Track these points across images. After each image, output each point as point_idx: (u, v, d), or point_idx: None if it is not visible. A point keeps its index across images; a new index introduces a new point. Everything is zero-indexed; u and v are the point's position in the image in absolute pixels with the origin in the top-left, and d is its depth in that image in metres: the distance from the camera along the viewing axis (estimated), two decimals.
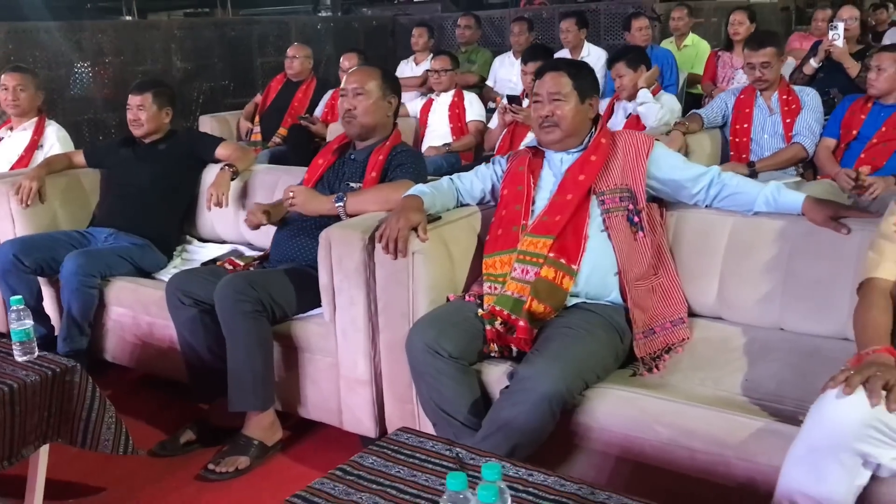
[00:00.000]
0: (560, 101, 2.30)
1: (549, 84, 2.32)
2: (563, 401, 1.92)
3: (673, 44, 6.33)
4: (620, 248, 2.23)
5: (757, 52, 3.88)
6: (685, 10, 6.26)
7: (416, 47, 6.57)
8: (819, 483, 1.59)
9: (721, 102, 4.12)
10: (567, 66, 2.39)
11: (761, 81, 3.88)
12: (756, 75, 3.88)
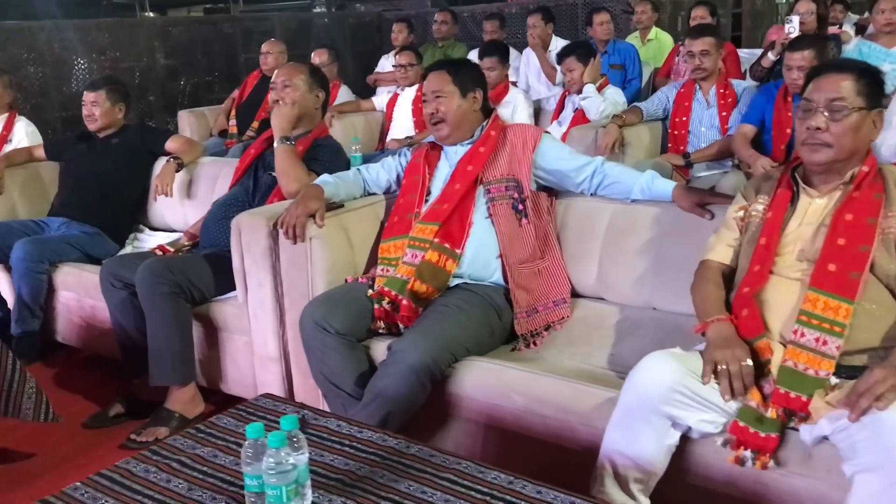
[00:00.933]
0: (442, 98, 2.47)
1: (432, 83, 2.49)
2: (429, 372, 2.09)
3: (637, 38, 6.45)
4: (503, 233, 2.40)
5: (696, 40, 4.01)
6: (649, 5, 6.37)
7: (396, 42, 6.73)
8: (633, 443, 1.76)
9: (662, 96, 4.26)
10: (448, 65, 2.56)
11: (700, 70, 4.00)
12: (696, 63, 3.99)
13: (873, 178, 1.91)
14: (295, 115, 2.85)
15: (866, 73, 1.92)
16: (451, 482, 1.47)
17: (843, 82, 1.88)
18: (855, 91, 1.87)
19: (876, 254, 1.81)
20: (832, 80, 1.90)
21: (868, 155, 1.95)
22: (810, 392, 1.70)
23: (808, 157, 1.93)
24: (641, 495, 1.80)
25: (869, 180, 1.90)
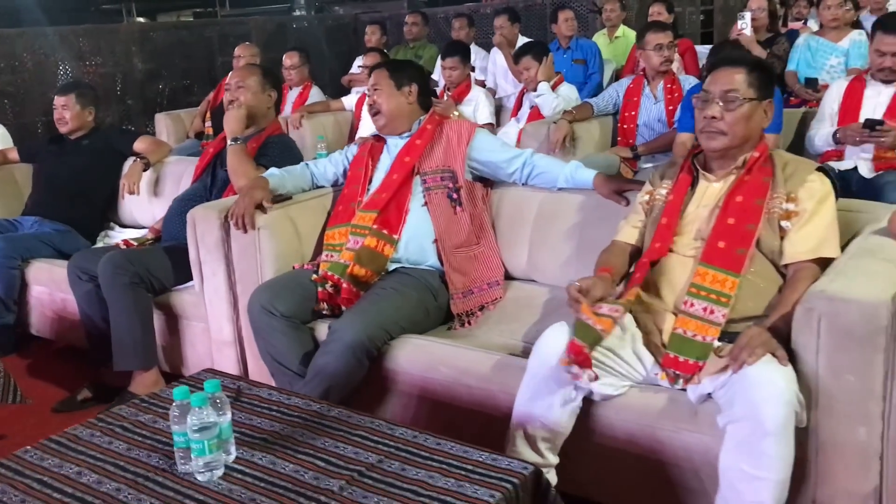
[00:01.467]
0: (379, 91, 2.65)
1: (372, 78, 2.68)
2: (365, 349, 2.26)
3: (605, 36, 6.63)
4: (438, 221, 2.57)
5: (658, 34, 4.20)
6: (617, 3, 6.55)
7: (370, 43, 6.91)
8: (538, 404, 1.95)
9: (613, 91, 4.44)
10: (387, 63, 2.73)
11: (669, 62, 4.18)
12: (664, 55, 4.16)
13: (763, 163, 2.09)
14: (245, 116, 3.03)
15: (758, 67, 2.10)
16: (362, 437, 1.65)
17: (737, 75, 2.06)
18: (747, 83, 2.06)
19: (762, 232, 1.99)
20: (727, 73, 2.08)
21: (760, 141, 2.13)
22: (697, 356, 1.88)
23: (706, 144, 2.11)
24: (550, 453, 1.98)
25: (759, 165, 2.08)
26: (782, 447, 1.64)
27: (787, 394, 1.63)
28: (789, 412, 1.64)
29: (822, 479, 1.74)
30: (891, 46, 3.56)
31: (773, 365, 1.67)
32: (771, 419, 1.62)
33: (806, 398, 1.70)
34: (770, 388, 1.63)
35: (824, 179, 2.05)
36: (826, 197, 2.01)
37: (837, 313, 1.64)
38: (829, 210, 2.00)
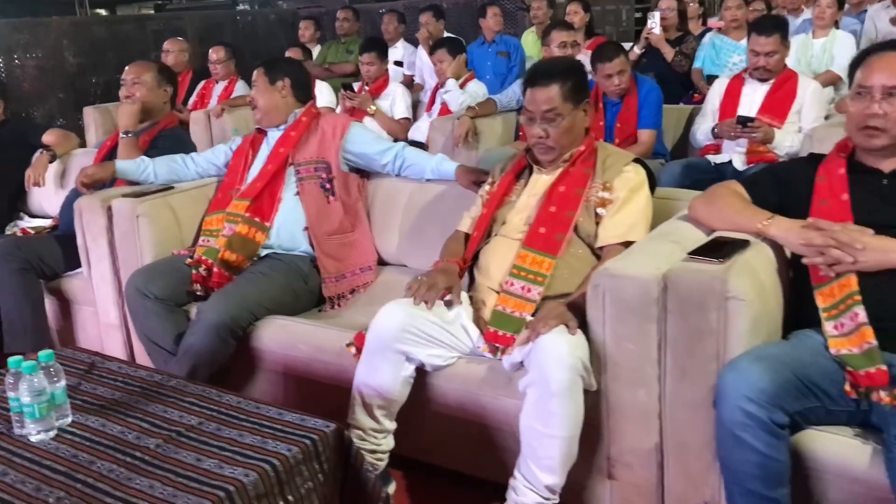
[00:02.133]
0: (256, 87, 2.81)
1: (253, 77, 2.83)
2: (229, 328, 2.42)
3: (534, 33, 6.82)
4: (310, 209, 2.73)
5: (561, 32, 4.40)
6: (544, 2, 6.74)
7: (303, 39, 7.07)
8: (374, 376, 2.12)
9: (517, 88, 4.63)
10: (265, 63, 2.88)
11: None
12: (568, 53, 4.36)
13: (588, 156, 2.28)
14: (138, 111, 3.17)
15: (570, 74, 2.26)
16: (190, 403, 1.81)
17: (551, 93, 2.22)
18: (562, 97, 2.22)
19: (579, 218, 2.18)
20: (543, 92, 2.22)
21: (586, 136, 2.32)
22: (514, 330, 2.07)
23: (540, 157, 2.29)
24: (386, 420, 2.16)
25: (583, 158, 2.27)
26: (568, 407, 1.84)
27: (571, 359, 1.82)
28: (574, 376, 1.83)
29: (613, 437, 1.94)
30: (764, 47, 3.80)
31: (562, 334, 1.86)
32: (556, 382, 1.82)
33: (596, 365, 1.90)
34: (555, 353, 1.83)
35: (639, 170, 2.24)
36: (639, 186, 2.21)
37: (617, 289, 1.83)
38: (641, 198, 2.20)
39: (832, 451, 1.67)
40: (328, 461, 1.66)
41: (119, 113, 3.16)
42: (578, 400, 1.86)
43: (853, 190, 1.91)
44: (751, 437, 1.60)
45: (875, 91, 1.87)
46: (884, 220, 1.83)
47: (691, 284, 1.75)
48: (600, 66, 3.84)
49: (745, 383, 1.60)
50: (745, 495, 1.63)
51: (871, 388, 1.66)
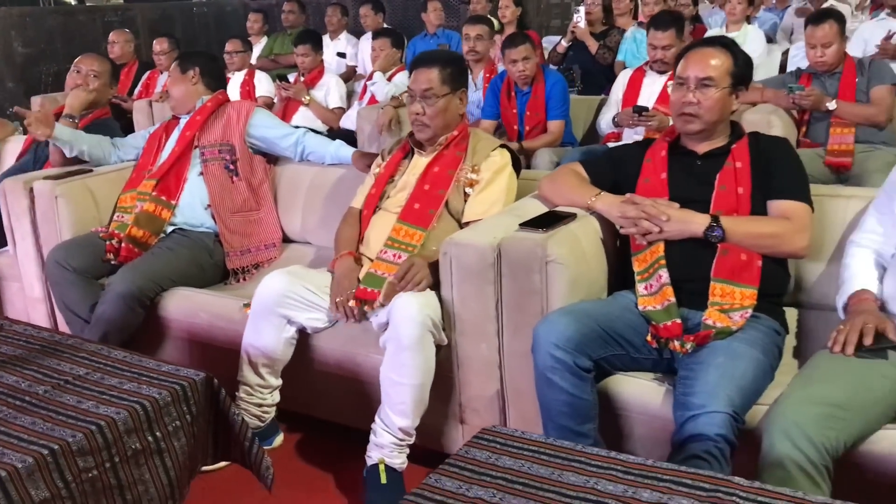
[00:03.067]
0: (171, 79, 3.04)
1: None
2: (136, 298, 2.65)
3: None
4: (213, 188, 2.96)
5: (473, 26, 4.66)
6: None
7: (252, 31, 7.26)
8: (259, 337, 2.36)
9: None
10: (179, 56, 3.10)
11: (473, 53, 4.62)
12: (470, 45, 4.62)
13: (460, 140, 2.53)
14: (89, 101, 3.38)
15: (450, 63, 2.52)
16: (82, 357, 2.03)
17: (431, 74, 2.47)
18: (440, 80, 2.47)
19: (450, 196, 2.44)
20: (423, 73, 2.47)
21: (461, 122, 2.57)
22: (379, 287, 2.31)
23: (417, 135, 2.54)
24: (271, 377, 2.41)
25: (457, 142, 2.53)
26: (418, 359, 2.10)
27: (421, 317, 2.08)
28: (423, 332, 2.09)
29: (463, 387, 2.20)
30: (661, 41, 4.07)
31: (414, 295, 2.12)
32: (407, 337, 2.08)
33: (448, 322, 2.16)
34: (407, 312, 2.09)
35: (504, 154, 2.50)
36: (502, 169, 2.47)
37: (461, 255, 2.10)
38: (503, 180, 2.45)
39: (634, 392, 1.94)
40: (196, 405, 1.89)
41: (70, 97, 3.36)
42: (428, 353, 2.12)
43: (671, 169, 2.18)
44: (559, 379, 1.86)
45: (690, 82, 2.14)
46: (693, 196, 2.10)
47: (518, 251, 2.01)
48: (507, 51, 4.09)
49: (553, 333, 1.87)
50: (558, 430, 1.90)
51: (669, 339, 1.94)
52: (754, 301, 1.96)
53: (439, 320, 2.14)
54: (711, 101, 2.11)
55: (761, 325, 1.94)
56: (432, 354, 2.14)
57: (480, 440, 1.53)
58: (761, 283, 1.98)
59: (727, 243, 2.00)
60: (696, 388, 1.76)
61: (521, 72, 4.05)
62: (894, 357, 1.75)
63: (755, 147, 2.14)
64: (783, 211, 2.04)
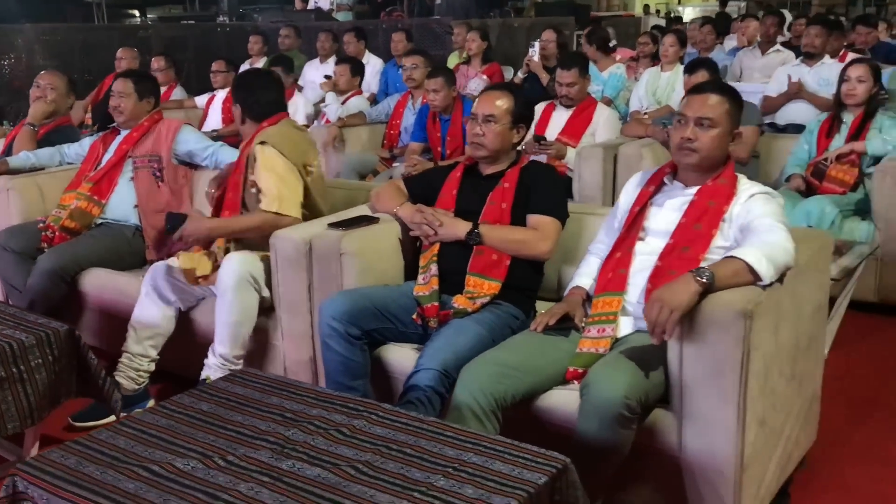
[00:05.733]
0: (122, 98, 3.62)
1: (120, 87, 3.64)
2: (58, 275, 3.24)
3: (457, 55, 7.63)
4: (141, 191, 3.56)
5: (409, 57, 5.24)
6: (464, 28, 7.52)
7: (252, 52, 7.95)
8: (144, 313, 2.95)
9: (387, 104, 5.47)
10: (130, 74, 3.72)
11: (411, 80, 5.19)
12: (407, 74, 5.19)
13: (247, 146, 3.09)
14: (49, 111, 4.03)
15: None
16: None
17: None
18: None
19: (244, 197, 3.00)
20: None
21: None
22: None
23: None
24: (151, 349, 2.97)
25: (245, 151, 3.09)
26: (234, 300, 2.70)
27: (238, 267, 2.71)
28: (239, 279, 2.71)
29: (287, 353, 2.76)
30: (566, 79, 4.60)
31: (241, 252, 2.74)
32: (224, 283, 2.70)
33: (275, 297, 2.72)
34: (229, 263, 2.73)
35: (262, 149, 2.94)
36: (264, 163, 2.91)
37: (282, 247, 2.65)
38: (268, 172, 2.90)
39: (398, 357, 2.46)
40: (59, 349, 2.46)
41: (31, 108, 4.02)
42: (244, 297, 2.72)
43: (462, 187, 2.71)
44: (334, 344, 2.39)
45: (690, 121, 2.31)
46: (472, 208, 2.62)
47: (321, 245, 2.57)
48: (426, 81, 4.66)
49: (331, 308, 2.40)
50: (334, 384, 2.42)
51: (429, 318, 2.46)
52: (497, 291, 2.47)
53: (260, 276, 2.75)
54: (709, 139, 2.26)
55: (500, 311, 2.45)
56: (251, 300, 2.74)
57: (235, 377, 2.08)
58: (508, 278, 2.49)
59: (483, 246, 2.52)
60: (425, 352, 2.29)
61: (433, 101, 4.60)
62: (574, 336, 2.25)
63: (525, 173, 2.65)
64: (534, 222, 2.55)
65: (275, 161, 2.91)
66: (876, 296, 3.64)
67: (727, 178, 2.28)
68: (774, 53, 6.27)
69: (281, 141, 2.97)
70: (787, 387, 2.14)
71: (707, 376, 1.92)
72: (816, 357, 2.38)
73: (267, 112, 3.11)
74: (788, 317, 2.09)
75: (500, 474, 1.58)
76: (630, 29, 11.90)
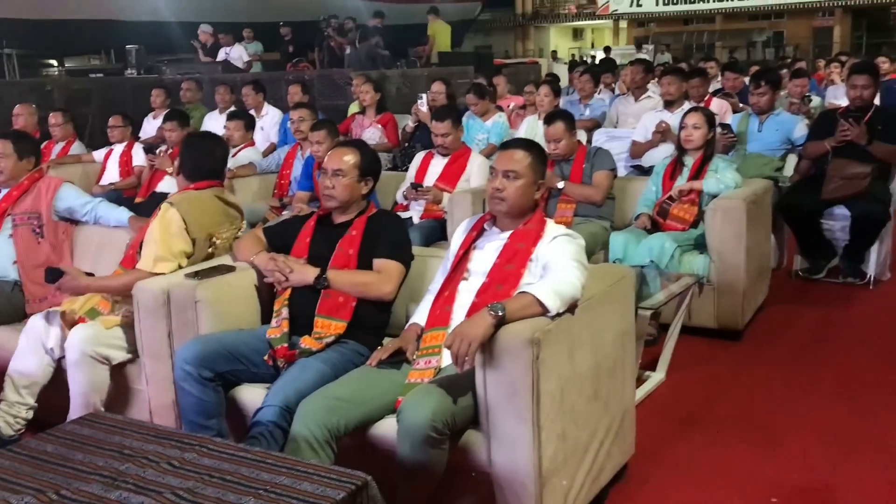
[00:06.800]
0: (1, 158, 3.73)
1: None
2: None
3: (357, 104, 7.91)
4: (20, 248, 3.67)
5: (296, 111, 5.49)
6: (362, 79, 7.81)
7: (155, 105, 8.10)
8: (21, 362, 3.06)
9: (277, 155, 5.70)
10: (9, 135, 3.85)
11: (299, 133, 5.42)
12: (295, 127, 5.43)
13: None
14: None
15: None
16: None
17: None
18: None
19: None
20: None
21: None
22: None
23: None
24: (30, 398, 3.09)
25: None
26: (80, 378, 2.88)
27: (81, 347, 2.92)
28: (80, 357, 2.91)
29: (151, 396, 2.91)
30: (440, 129, 4.92)
31: (82, 326, 2.93)
32: (69, 358, 2.90)
33: (139, 345, 2.88)
34: (71, 342, 2.90)
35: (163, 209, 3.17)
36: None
37: (142, 297, 2.83)
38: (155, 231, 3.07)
39: (250, 397, 2.65)
40: None
41: None
42: (87, 372, 2.91)
43: (315, 235, 2.94)
44: (188, 386, 2.57)
45: (499, 173, 2.60)
46: (324, 255, 2.85)
47: (178, 294, 2.76)
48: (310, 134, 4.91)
49: (185, 352, 2.59)
50: (189, 424, 2.59)
51: (279, 359, 2.66)
52: (343, 331, 2.69)
53: (112, 343, 2.95)
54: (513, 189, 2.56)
55: (344, 349, 2.68)
56: (97, 374, 2.93)
57: (83, 420, 2.24)
58: (354, 318, 2.72)
59: (331, 289, 2.74)
60: (270, 390, 2.49)
61: (316, 153, 4.84)
62: (406, 368, 2.49)
63: (372, 221, 2.90)
64: (379, 266, 2.79)
65: (169, 224, 3.05)
66: (715, 322, 3.99)
67: (535, 222, 2.58)
68: (646, 100, 6.73)
69: (189, 208, 3.11)
70: (589, 405, 2.41)
71: (505, 398, 2.17)
72: (625, 377, 2.66)
73: (198, 176, 3.30)
74: (585, 343, 2.37)
75: (305, 493, 1.79)
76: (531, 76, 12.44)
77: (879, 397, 3.33)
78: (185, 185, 3.29)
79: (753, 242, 3.98)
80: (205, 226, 3.15)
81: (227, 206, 3.35)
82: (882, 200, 4.80)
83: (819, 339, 4.07)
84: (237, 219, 3.38)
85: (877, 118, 4.91)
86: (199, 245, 3.12)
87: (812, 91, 8.27)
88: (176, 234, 3.04)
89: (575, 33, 35.80)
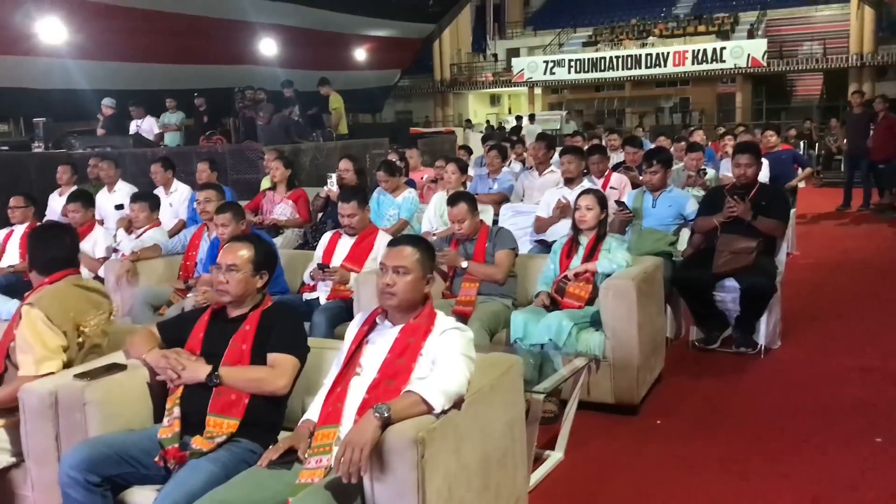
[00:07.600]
0: None
1: None
2: None
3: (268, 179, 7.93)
4: None
5: (202, 191, 5.47)
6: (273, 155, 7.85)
7: (61, 182, 7.96)
8: None
9: (183, 235, 5.65)
10: None
11: (205, 213, 5.41)
12: (201, 208, 5.41)
13: None
14: None
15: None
16: None
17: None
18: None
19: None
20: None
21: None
22: None
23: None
24: None
25: None
26: None
27: None
28: None
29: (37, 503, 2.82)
30: (346, 210, 4.98)
31: None
32: None
33: (25, 450, 2.80)
34: None
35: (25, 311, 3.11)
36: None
37: (28, 400, 2.76)
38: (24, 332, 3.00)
39: (140, 501, 2.60)
40: None
41: None
42: None
43: (209, 330, 2.93)
44: (74, 493, 2.51)
45: (388, 269, 2.67)
46: (218, 350, 2.85)
47: (65, 395, 2.71)
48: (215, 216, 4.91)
49: (70, 457, 2.54)
50: None
51: (170, 460, 2.63)
52: (235, 430, 2.68)
53: None
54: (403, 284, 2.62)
55: (237, 448, 2.66)
56: None
57: None
58: (247, 415, 2.72)
59: (223, 386, 2.74)
60: (160, 494, 2.46)
61: (221, 235, 4.84)
62: (297, 468, 2.50)
63: (267, 314, 2.92)
64: (272, 360, 2.81)
65: (35, 324, 2.98)
66: (612, 397, 4.11)
67: (425, 316, 2.65)
68: (549, 174, 6.97)
69: (49, 303, 3.05)
70: (479, 498, 2.46)
71: (392, 498, 2.21)
72: (516, 466, 2.73)
73: (51, 268, 3.21)
74: (473, 436, 2.43)
75: None
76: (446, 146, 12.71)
77: (769, 473, 3.46)
78: (40, 280, 3.20)
79: (645, 318, 4.14)
80: (69, 317, 3.08)
81: (88, 293, 3.27)
82: (769, 273, 5.07)
83: (712, 411, 4.23)
84: (104, 303, 3.30)
85: (761, 194, 5.22)
86: (70, 337, 3.05)
87: (709, 162, 8.72)
88: (45, 331, 2.97)
89: (493, 99, 36.82)
